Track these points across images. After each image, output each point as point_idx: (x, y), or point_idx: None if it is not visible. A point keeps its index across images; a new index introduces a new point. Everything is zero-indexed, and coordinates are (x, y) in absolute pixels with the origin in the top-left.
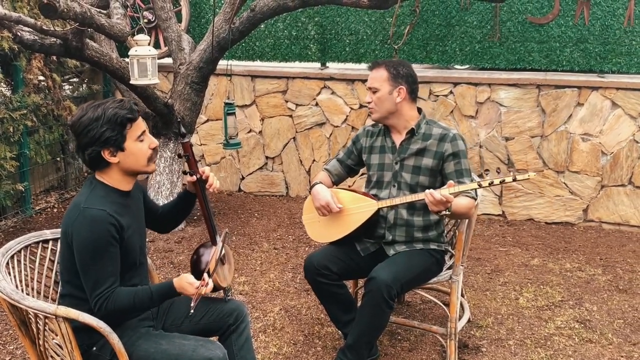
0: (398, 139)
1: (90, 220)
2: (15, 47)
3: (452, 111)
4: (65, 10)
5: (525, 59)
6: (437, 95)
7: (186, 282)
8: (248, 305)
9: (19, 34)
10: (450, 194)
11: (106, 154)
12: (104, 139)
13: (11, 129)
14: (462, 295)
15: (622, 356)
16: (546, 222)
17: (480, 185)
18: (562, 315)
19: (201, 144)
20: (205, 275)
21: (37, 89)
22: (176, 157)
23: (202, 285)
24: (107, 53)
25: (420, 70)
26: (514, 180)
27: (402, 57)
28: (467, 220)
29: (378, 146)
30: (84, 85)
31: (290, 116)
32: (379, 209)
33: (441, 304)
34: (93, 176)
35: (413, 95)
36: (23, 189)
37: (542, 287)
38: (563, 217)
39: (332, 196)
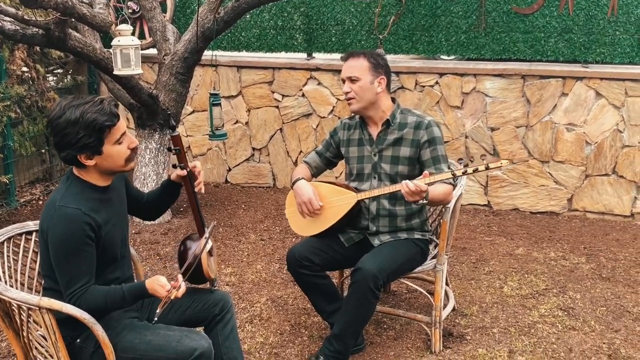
0: (375, 130)
1: (65, 219)
2: None
3: (438, 102)
4: None
5: (511, 49)
6: (423, 86)
7: (157, 284)
8: (235, 296)
9: (0, 24)
10: (425, 184)
11: (82, 158)
12: (81, 145)
13: None
14: (447, 284)
15: (604, 343)
16: (531, 212)
17: (454, 175)
18: (546, 303)
19: (187, 135)
20: (180, 277)
21: (21, 80)
22: (162, 148)
23: (173, 288)
24: (90, 43)
25: (407, 61)
26: (487, 168)
27: (388, 48)
28: (450, 210)
29: (356, 139)
30: (69, 77)
31: (277, 107)
32: (358, 201)
33: (426, 293)
34: (71, 171)
35: (389, 86)
36: (7, 181)
37: (526, 275)
38: (548, 207)
39: (314, 192)
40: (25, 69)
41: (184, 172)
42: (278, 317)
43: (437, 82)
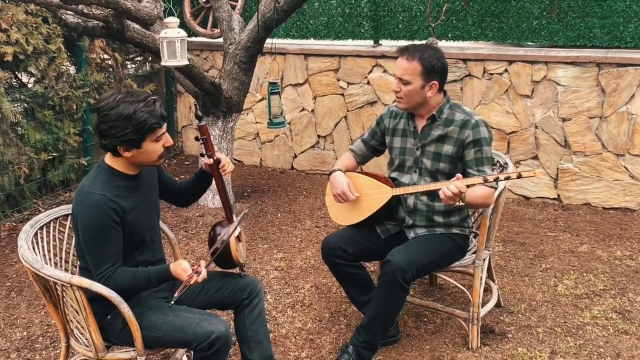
0: (420, 123)
1: (92, 205)
2: None
3: (506, 90)
4: None
5: (586, 35)
6: (492, 74)
7: (180, 268)
8: (281, 281)
9: (63, 17)
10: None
11: (121, 149)
12: (125, 139)
13: (75, 106)
14: (492, 280)
15: None
16: (603, 207)
17: (485, 180)
18: (601, 304)
19: (256, 122)
20: (202, 262)
21: (100, 68)
22: (225, 135)
23: (194, 273)
24: (150, 34)
25: (475, 48)
26: (519, 177)
27: (456, 34)
28: (491, 206)
29: (401, 129)
30: (147, 65)
31: (342, 95)
32: (393, 196)
33: (465, 289)
34: (103, 159)
35: (442, 86)
36: (86, 163)
37: (585, 274)
38: (622, 203)
39: (348, 184)
40: (106, 56)
41: (211, 161)
42: (319, 304)
43: (506, 70)
